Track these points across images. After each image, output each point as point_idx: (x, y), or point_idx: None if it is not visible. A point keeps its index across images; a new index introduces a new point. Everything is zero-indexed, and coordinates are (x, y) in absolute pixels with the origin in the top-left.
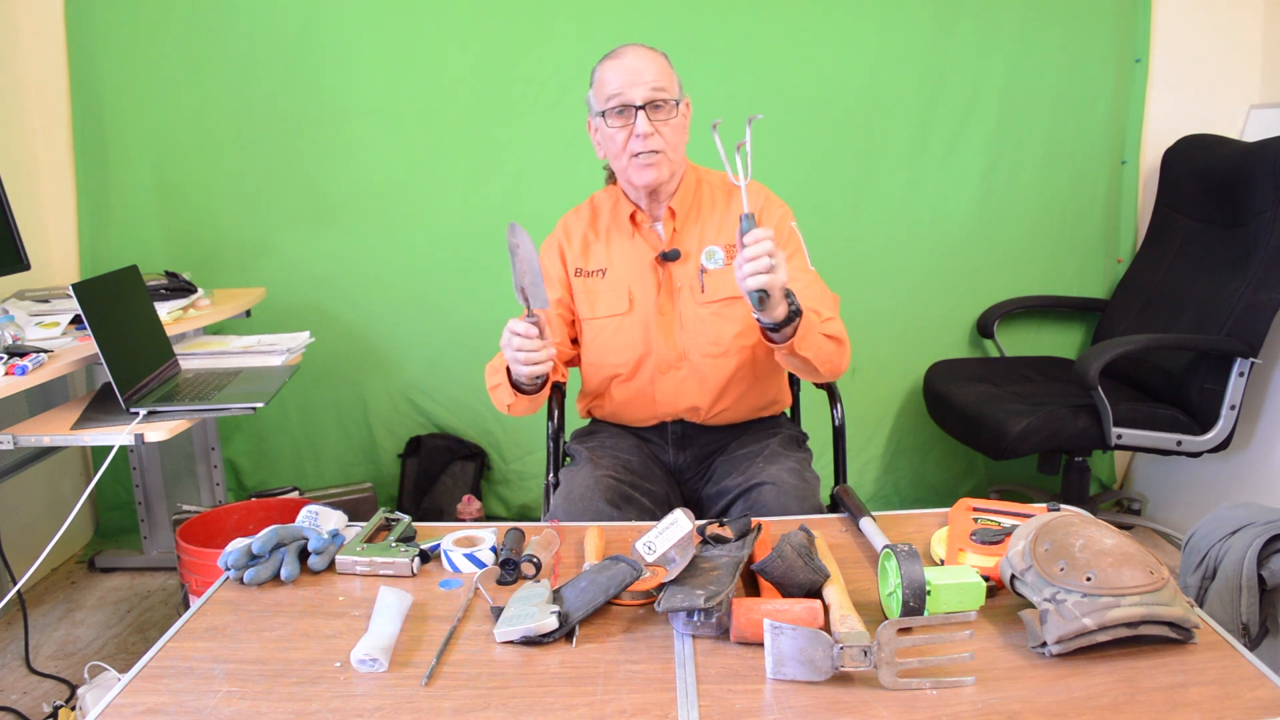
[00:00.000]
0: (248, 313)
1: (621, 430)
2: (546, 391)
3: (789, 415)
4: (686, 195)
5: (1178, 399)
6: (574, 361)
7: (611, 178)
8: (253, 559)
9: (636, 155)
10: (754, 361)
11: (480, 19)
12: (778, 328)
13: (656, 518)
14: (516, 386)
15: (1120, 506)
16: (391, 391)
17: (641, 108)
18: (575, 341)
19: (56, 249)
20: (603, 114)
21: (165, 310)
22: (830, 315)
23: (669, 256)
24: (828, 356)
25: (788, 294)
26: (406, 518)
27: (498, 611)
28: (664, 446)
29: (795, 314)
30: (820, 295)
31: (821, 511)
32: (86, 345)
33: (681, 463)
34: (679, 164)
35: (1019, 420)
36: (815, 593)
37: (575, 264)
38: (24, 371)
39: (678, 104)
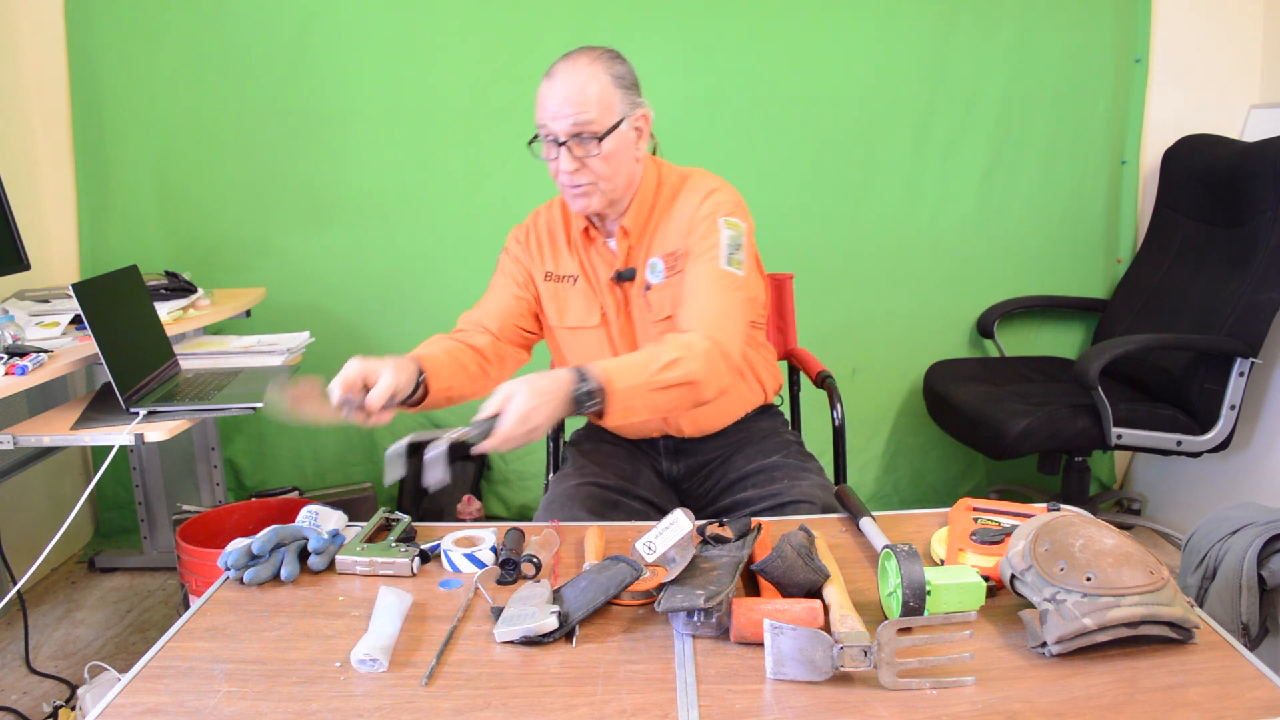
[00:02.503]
0: (248, 313)
1: (619, 438)
2: (437, 397)
3: (780, 402)
4: (642, 209)
5: (1178, 399)
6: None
7: None
8: (253, 559)
9: (565, 186)
10: None
11: (480, 19)
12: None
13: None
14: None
15: (1120, 506)
16: None
17: (564, 143)
18: (527, 327)
19: (56, 249)
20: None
21: (165, 310)
22: (673, 357)
23: (623, 276)
24: (669, 405)
25: (576, 388)
26: (406, 518)
27: (498, 611)
28: (657, 457)
29: (587, 397)
30: (704, 304)
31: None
32: (86, 345)
33: (678, 472)
34: (619, 189)
35: (1019, 420)
36: (815, 593)
37: (547, 266)
38: (24, 371)
39: (615, 128)
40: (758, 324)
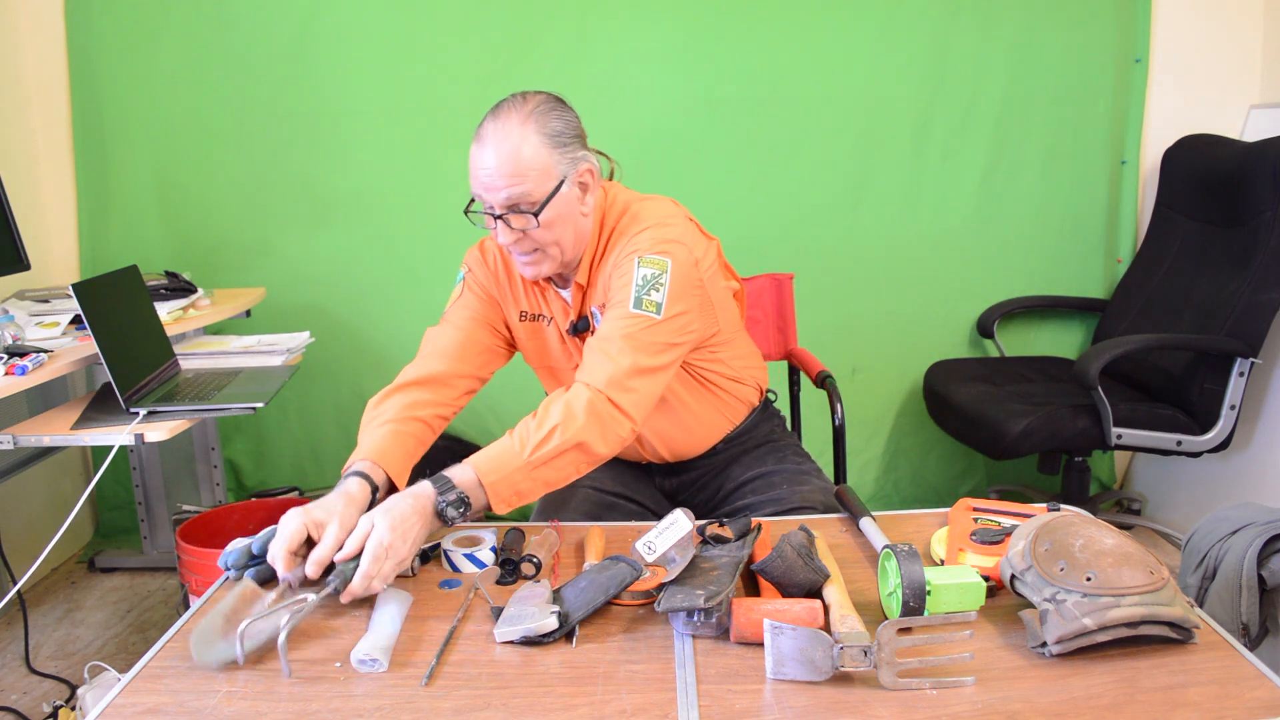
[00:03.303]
0: (248, 313)
1: None
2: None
3: (775, 399)
4: (595, 257)
5: (1178, 399)
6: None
7: None
8: (253, 559)
9: (513, 255)
10: (689, 393)
11: (480, 19)
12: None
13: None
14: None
15: (1120, 506)
16: None
17: (500, 215)
18: (494, 354)
19: (56, 249)
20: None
21: (165, 310)
22: (553, 424)
23: (579, 328)
24: (560, 476)
25: (438, 501)
26: None
27: (498, 611)
28: (653, 475)
29: (454, 506)
30: (604, 354)
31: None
32: (86, 345)
33: (672, 487)
34: (568, 251)
35: (1019, 420)
36: (815, 593)
37: (521, 305)
38: (24, 371)
39: (555, 193)
40: (725, 339)
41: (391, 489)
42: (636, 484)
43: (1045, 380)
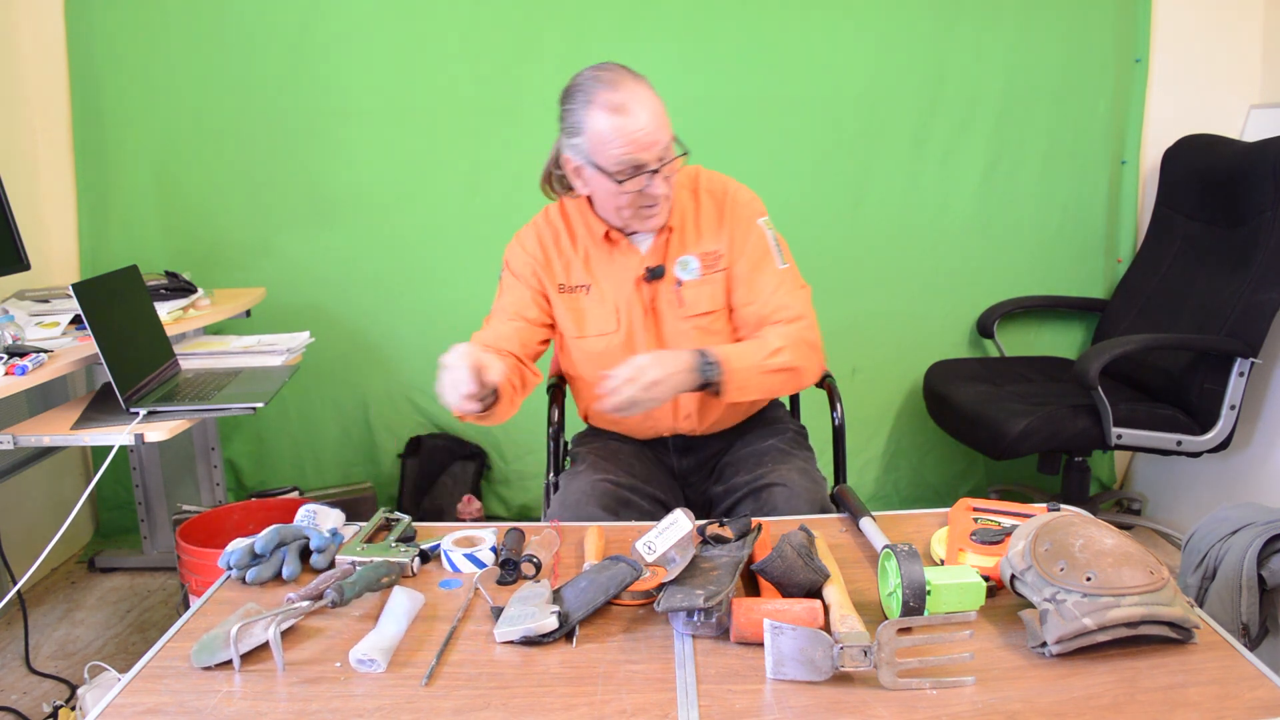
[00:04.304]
0: (248, 313)
1: (626, 435)
2: (497, 412)
3: (787, 406)
4: (678, 211)
5: (1178, 399)
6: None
7: (568, 190)
8: (255, 558)
9: (640, 208)
10: None
11: (480, 19)
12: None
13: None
14: None
15: (1120, 506)
16: (391, 391)
17: (655, 170)
18: (545, 340)
19: (56, 249)
20: (601, 169)
21: (165, 310)
22: (778, 346)
23: (654, 274)
24: (776, 388)
25: (701, 362)
26: (406, 518)
27: (498, 611)
28: (666, 454)
29: (709, 369)
30: (786, 301)
31: (826, 511)
32: (86, 345)
33: (686, 467)
34: (672, 196)
35: (1019, 420)
36: (815, 593)
37: (559, 279)
38: (24, 371)
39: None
40: None
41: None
42: (646, 474)
43: (1045, 380)
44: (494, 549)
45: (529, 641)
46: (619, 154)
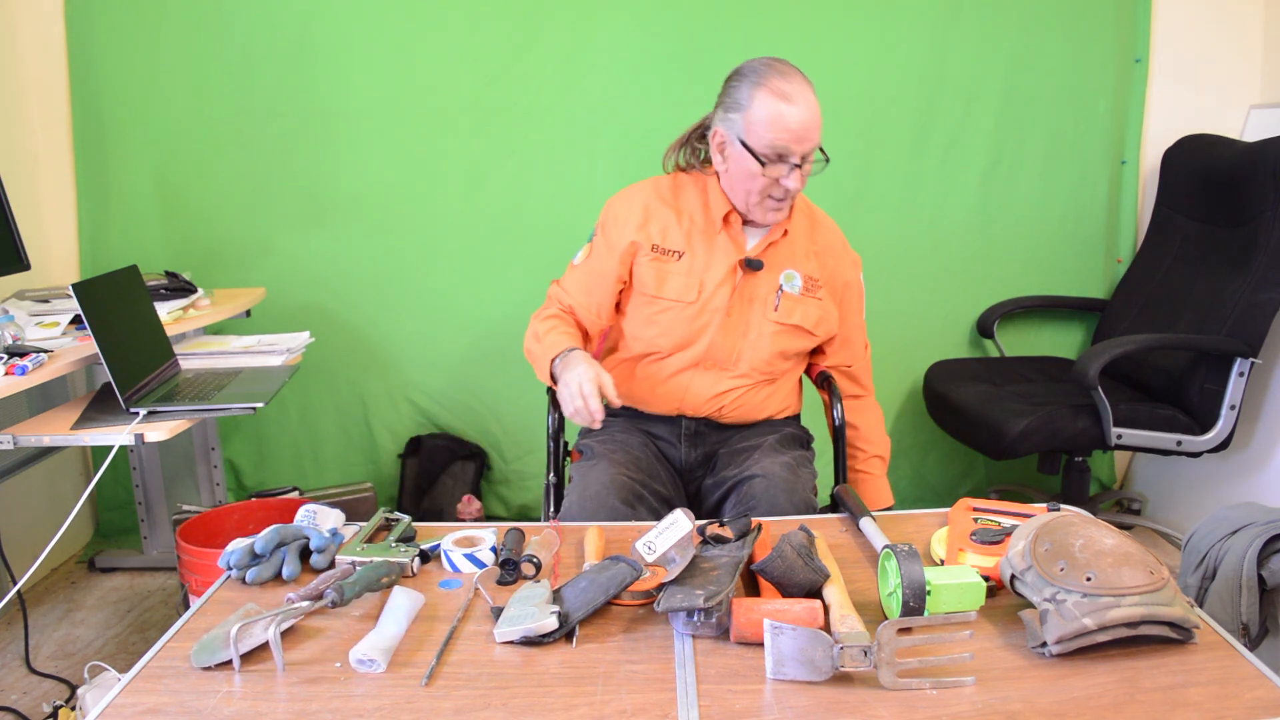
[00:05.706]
0: (248, 313)
1: (630, 426)
2: None
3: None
4: (794, 223)
5: (1178, 399)
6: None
7: (693, 165)
8: (255, 558)
9: (770, 199)
10: (785, 375)
11: (480, 18)
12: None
13: (661, 517)
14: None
15: (1120, 506)
16: (391, 391)
17: (799, 164)
18: (618, 307)
19: (56, 249)
20: (749, 148)
21: (165, 310)
22: (879, 454)
23: (754, 265)
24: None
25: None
26: (406, 518)
27: (498, 611)
28: (674, 443)
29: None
30: (862, 354)
31: (813, 509)
32: (86, 345)
33: (691, 460)
34: None
35: (1019, 420)
36: (815, 593)
37: (654, 239)
38: (24, 371)
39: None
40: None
41: None
42: (656, 473)
43: (1045, 380)
44: (494, 549)
45: (529, 641)
46: (771, 137)
